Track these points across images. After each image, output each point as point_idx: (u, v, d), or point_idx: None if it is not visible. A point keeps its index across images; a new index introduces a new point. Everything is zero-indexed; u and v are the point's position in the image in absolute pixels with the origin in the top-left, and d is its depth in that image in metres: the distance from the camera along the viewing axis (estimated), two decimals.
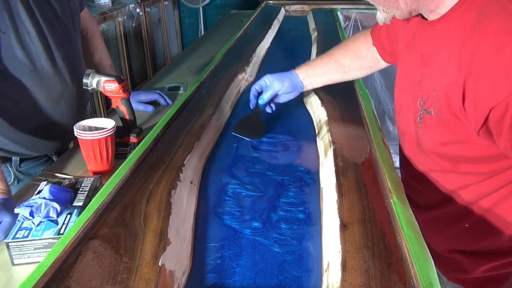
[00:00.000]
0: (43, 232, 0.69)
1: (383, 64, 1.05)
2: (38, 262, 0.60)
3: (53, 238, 0.68)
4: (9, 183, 1.08)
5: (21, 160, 1.13)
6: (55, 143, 1.16)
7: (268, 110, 1.11)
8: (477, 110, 0.61)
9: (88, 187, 0.82)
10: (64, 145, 1.22)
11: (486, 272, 0.82)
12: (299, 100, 1.30)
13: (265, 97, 1.06)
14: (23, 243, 0.68)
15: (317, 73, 1.07)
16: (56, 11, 1.06)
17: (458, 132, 0.68)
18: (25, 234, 0.68)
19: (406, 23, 0.83)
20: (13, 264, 0.69)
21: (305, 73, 1.07)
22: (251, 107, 1.09)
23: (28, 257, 0.69)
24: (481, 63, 0.59)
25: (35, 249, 0.68)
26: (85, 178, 0.86)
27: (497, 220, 0.76)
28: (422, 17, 0.74)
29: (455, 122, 0.67)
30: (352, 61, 1.06)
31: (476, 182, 0.74)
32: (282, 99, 1.10)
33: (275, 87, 1.05)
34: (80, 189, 0.81)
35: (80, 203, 0.77)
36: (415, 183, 0.85)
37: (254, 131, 1.05)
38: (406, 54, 0.82)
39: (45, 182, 0.83)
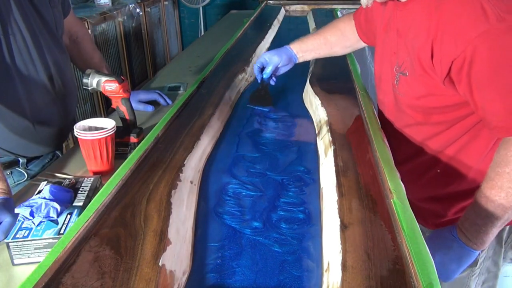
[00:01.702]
0: (43, 232, 0.69)
1: (362, 44, 1.22)
2: (38, 262, 0.60)
3: (53, 238, 0.68)
4: (23, 180, 1.09)
5: (28, 161, 1.14)
6: (50, 144, 1.17)
7: (272, 82, 1.26)
8: (442, 63, 0.77)
9: (88, 187, 0.82)
10: (59, 144, 1.23)
11: (457, 213, 0.95)
12: (299, 100, 1.30)
13: (268, 70, 1.21)
14: (23, 243, 0.68)
15: (308, 48, 1.24)
16: (44, 18, 1.08)
17: (428, 85, 0.83)
18: (25, 234, 0.68)
19: (383, 9, 0.98)
20: (13, 264, 0.69)
21: (299, 47, 1.23)
22: (258, 81, 1.25)
23: (28, 257, 0.69)
24: (444, 28, 0.75)
25: (35, 249, 0.68)
26: (85, 178, 0.86)
27: (460, 165, 0.92)
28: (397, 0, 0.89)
29: (426, 78, 0.83)
30: (338, 39, 1.23)
31: (443, 130, 0.89)
32: (281, 71, 1.25)
33: (275, 61, 1.20)
34: (80, 189, 0.81)
35: (80, 203, 0.77)
36: (394, 140, 0.97)
37: (265, 101, 1.24)
38: (383, 34, 0.98)
39: (45, 182, 0.83)
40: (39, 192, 0.77)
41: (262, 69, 1.23)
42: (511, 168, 0.75)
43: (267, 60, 1.21)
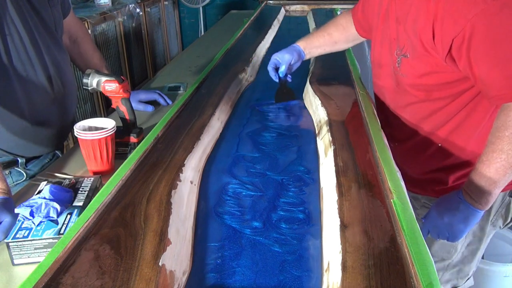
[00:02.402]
0: (43, 232, 0.69)
1: (362, 38, 1.29)
2: (38, 262, 0.59)
3: (53, 238, 0.68)
4: (22, 180, 1.10)
5: (27, 161, 1.14)
6: (49, 144, 1.17)
7: (288, 79, 1.32)
8: (444, 42, 0.84)
9: (88, 187, 0.82)
10: (59, 145, 1.23)
11: (457, 180, 1.04)
12: (300, 101, 1.30)
13: (282, 69, 1.28)
14: (23, 243, 0.68)
15: (314, 45, 1.31)
16: (43, 18, 1.08)
17: (430, 64, 0.91)
18: (25, 234, 0.68)
19: (380, 2, 1.06)
20: (13, 264, 0.69)
21: (305, 44, 1.31)
22: (276, 81, 1.30)
23: (28, 257, 0.69)
24: (444, 9, 0.83)
25: (35, 249, 0.68)
26: (85, 178, 0.86)
27: (459, 138, 0.99)
28: None
29: (428, 57, 0.90)
30: (341, 34, 1.31)
31: (443, 106, 0.97)
32: (294, 67, 1.32)
33: (287, 59, 1.27)
34: (80, 189, 0.81)
35: (80, 203, 0.77)
36: (396, 120, 1.07)
37: (289, 96, 1.31)
38: (382, 24, 1.06)
39: (45, 182, 0.83)
40: (39, 192, 0.77)
41: (276, 70, 1.29)
42: (511, 132, 0.82)
43: (279, 60, 1.27)
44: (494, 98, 0.83)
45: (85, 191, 0.81)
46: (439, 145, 1.02)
